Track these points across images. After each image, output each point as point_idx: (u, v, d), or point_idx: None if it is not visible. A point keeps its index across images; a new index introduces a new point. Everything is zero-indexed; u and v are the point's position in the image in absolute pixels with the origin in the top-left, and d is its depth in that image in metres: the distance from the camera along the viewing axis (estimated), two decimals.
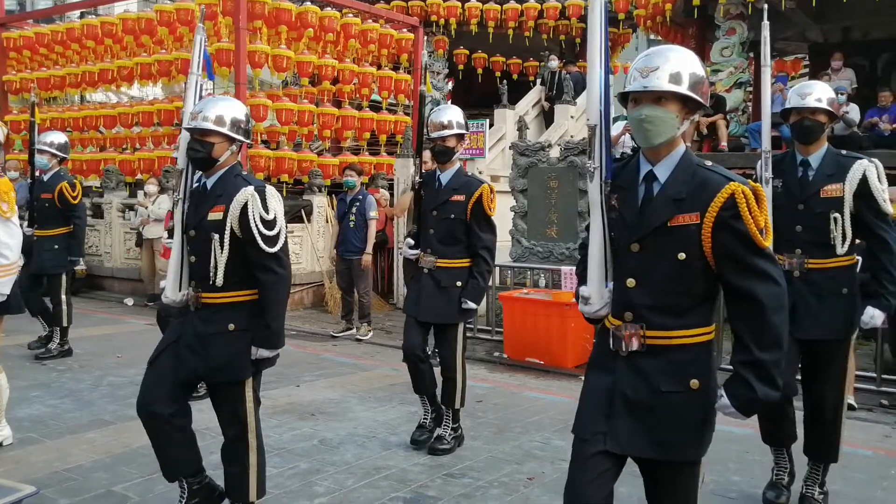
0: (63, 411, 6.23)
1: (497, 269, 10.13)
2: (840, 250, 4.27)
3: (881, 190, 4.21)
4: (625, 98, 2.76)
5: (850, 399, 6.83)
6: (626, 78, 2.84)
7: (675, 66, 2.66)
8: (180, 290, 3.86)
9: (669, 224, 2.63)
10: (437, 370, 5.56)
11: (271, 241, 3.71)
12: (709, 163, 2.71)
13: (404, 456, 5.36)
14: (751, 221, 2.56)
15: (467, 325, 6.15)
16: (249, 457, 3.84)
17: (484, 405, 6.72)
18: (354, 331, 10.04)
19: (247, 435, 3.83)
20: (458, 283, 5.38)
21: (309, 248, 12.64)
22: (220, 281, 3.71)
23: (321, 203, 12.93)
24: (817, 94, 4.30)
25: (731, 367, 7.49)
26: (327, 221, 12.80)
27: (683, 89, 2.65)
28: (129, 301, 12.40)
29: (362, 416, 6.34)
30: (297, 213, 12.80)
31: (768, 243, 2.62)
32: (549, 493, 4.71)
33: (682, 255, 2.61)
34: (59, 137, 8.24)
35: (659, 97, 2.65)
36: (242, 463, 3.84)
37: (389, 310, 12.40)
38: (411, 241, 5.48)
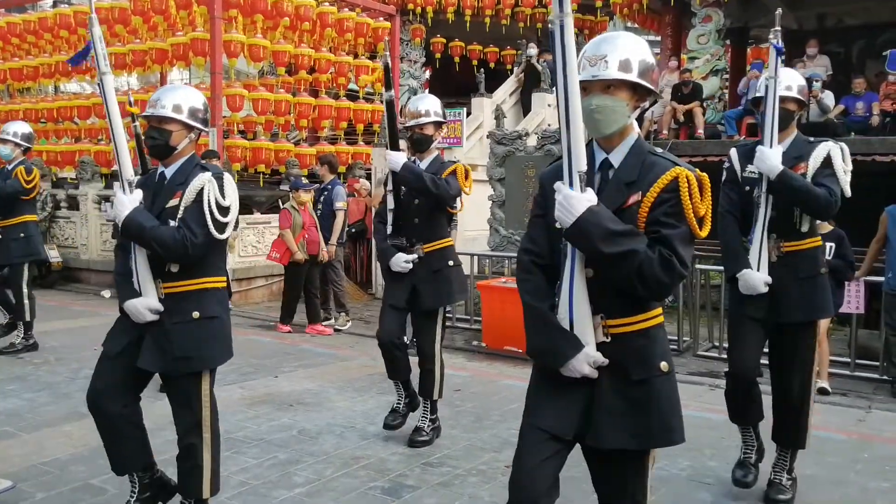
0: (39, 404, 6.19)
1: (475, 258, 10.18)
2: (803, 228, 4.34)
3: (843, 170, 4.30)
4: None
5: (824, 384, 6.94)
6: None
7: (624, 53, 2.63)
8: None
9: (623, 207, 2.61)
10: (413, 359, 5.55)
11: (222, 227, 3.66)
12: (659, 150, 2.71)
13: (383, 445, 5.37)
14: (689, 207, 2.56)
15: (446, 314, 6.14)
16: (203, 453, 3.74)
17: (462, 394, 6.74)
18: (333, 321, 10.02)
19: (201, 430, 3.72)
20: (451, 263, 5.40)
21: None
22: (174, 267, 3.66)
23: None
24: (787, 82, 4.33)
25: (708, 355, 7.53)
26: None
27: (633, 77, 2.63)
28: (107, 293, 12.31)
29: (340, 406, 6.34)
30: (275, 204, 12.76)
31: (703, 233, 2.61)
32: None
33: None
34: (22, 128, 8.12)
35: (608, 85, 2.63)
36: (195, 459, 3.73)
37: (368, 300, 12.39)
38: (407, 257, 5.28)
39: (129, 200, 3.54)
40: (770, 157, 4.19)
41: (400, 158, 5.12)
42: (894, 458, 5.30)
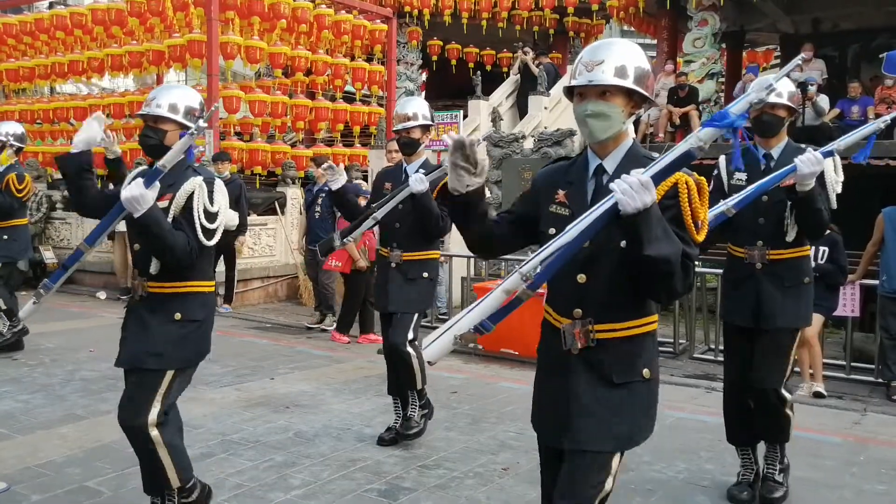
0: (34, 406, 6.17)
1: (471, 260, 10.17)
2: (789, 237, 4.34)
3: (835, 181, 4.31)
4: (570, 92, 2.71)
5: (819, 387, 6.95)
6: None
7: (621, 59, 2.61)
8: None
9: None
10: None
11: (210, 234, 3.63)
12: (655, 154, 2.66)
13: (379, 448, 5.35)
14: (688, 212, 2.52)
15: (440, 317, 6.12)
16: (158, 451, 3.65)
17: (459, 396, 6.74)
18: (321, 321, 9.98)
19: (147, 430, 3.60)
20: (426, 275, 5.34)
21: (283, 241, 12.59)
22: (154, 269, 3.63)
23: (295, 195, 12.88)
24: (778, 88, 4.31)
25: (704, 357, 7.52)
26: (301, 213, 12.76)
27: (629, 83, 2.60)
28: (102, 294, 12.30)
29: (337, 408, 6.33)
30: (271, 206, 12.75)
31: (701, 238, 2.56)
32: (524, 482, 4.73)
33: (623, 243, 2.54)
34: (15, 128, 8.02)
35: (604, 91, 2.60)
36: (153, 456, 3.66)
37: None
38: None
39: (151, 195, 3.47)
40: (823, 165, 4.11)
41: (425, 186, 5.01)
42: (890, 461, 5.31)
